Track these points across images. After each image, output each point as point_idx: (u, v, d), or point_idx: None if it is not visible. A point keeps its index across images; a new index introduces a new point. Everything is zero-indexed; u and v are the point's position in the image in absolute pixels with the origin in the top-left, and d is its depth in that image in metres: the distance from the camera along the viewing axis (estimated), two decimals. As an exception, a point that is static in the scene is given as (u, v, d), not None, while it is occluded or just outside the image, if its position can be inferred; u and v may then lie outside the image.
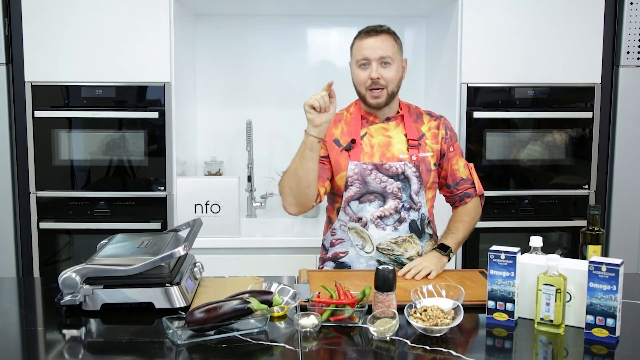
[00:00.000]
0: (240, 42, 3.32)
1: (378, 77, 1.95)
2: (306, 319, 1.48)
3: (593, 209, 1.75)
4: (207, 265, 1.90)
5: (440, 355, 1.36)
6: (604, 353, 1.38)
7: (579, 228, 1.89)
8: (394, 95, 2.02)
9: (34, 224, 2.83)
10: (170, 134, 2.80)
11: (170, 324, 1.45)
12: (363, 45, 1.97)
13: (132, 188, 2.84)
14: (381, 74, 1.96)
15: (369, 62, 1.96)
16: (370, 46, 1.96)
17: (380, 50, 1.95)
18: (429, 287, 1.67)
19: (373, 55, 1.95)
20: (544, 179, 2.92)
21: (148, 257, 1.61)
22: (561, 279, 1.46)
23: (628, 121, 2.90)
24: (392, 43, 1.99)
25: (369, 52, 1.96)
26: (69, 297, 1.58)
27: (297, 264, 2.19)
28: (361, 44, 1.98)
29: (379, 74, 1.95)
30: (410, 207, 2.01)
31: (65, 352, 1.41)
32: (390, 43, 1.98)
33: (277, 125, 3.36)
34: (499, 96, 2.86)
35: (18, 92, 2.79)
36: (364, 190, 2.00)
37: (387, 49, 1.96)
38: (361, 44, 1.98)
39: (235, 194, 2.77)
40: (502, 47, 2.82)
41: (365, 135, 2.04)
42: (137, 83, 2.78)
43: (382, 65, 1.96)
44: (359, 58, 1.98)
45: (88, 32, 2.74)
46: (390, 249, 2.00)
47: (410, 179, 2.00)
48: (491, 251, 1.55)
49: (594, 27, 2.84)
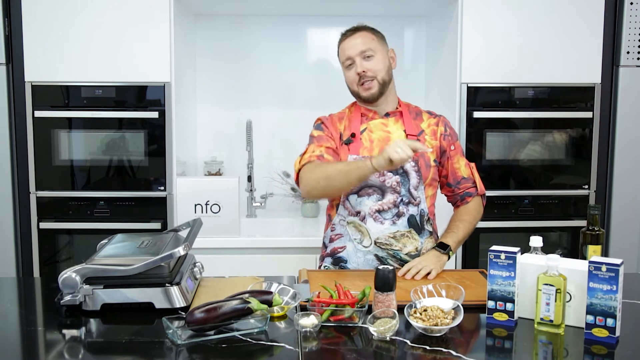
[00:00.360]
0: (240, 42, 3.32)
1: (364, 70, 2.02)
2: (306, 319, 1.48)
3: (593, 209, 1.75)
4: (207, 265, 1.90)
5: (440, 355, 1.36)
6: (604, 353, 1.38)
7: (579, 228, 1.89)
8: (386, 85, 2.06)
9: (34, 224, 2.83)
10: (170, 134, 2.80)
11: (170, 324, 1.45)
12: (344, 47, 2.07)
13: (132, 188, 2.84)
14: (366, 67, 2.02)
15: (352, 60, 2.04)
16: (350, 46, 2.05)
17: (360, 46, 2.03)
18: (429, 287, 1.67)
19: (354, 52, 2.03)
20: (544, 179, 2.92)
21: (148, 257, 1.61)
22: (561, 279, 1.46)
23: (628, 121, 2.90)
24: (371, 37, 2.06)
25: (350, 51, 2.04)
26: (69, 297, 1.58)
27: (297, 264, 2.20)
28: (343, 47, 2.08)
29: (363, 67, 2.02)
30: (409, 202, 2.02)
31: (65, 352, 1.41)
32: (368, 37, 2.05)
33: (277, 125, 3.36)
34: (499, 96, 2.86)
35: (18, 92, 2.79)
36: (363, 184, 2.01)
37: (365, 43, 2.04)
38: (343, 47, 2.08)
39: (235, 194, 2.77)
40: (502, 47, 2.82)
41: (365, 130, 2.07)
42: (137, 83, 2.78)
43: (365, 59, 2.03)
44: (344, 59, 2.07)
45: (88, 32, 2.75)
46: (389, 244, 2.01)
47: (409, 174, 2.01)
48: (491, 251, 1.55)
49: (594, 27, 2.84)
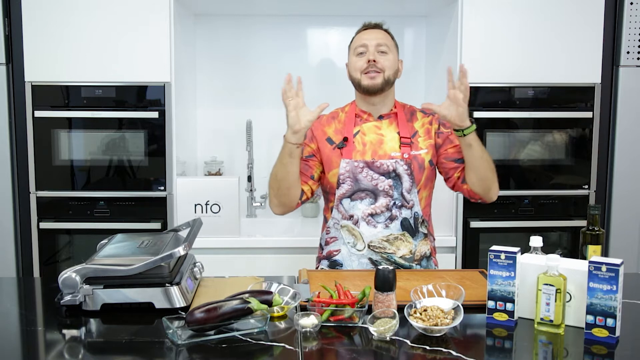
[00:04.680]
0: (240, 42, 3.32)
1: (375, 59, 2.01)
2: (306, 319, 1.48)
3: (593, 209, 1.75)
4: (207, 265, 1.90)
5: (440, 355, 1.36)
6: (604, 353, 1.38)
7: (579, 228, 1.89)
8: (390, 84, 2.05)
9: (34, 224, 2.83)
10: (170, 134, 2.80)
11: (170, 324, 1.45)
12: (363, 36, 2.07)
13: (132, 188, 2.84)
14: (378, 59, 2.02)
15: (366, 48, 2.03)
16: (369, 36, 2.06)
17: (378, 39, 2.04)
18: (429, 287, 1.67)
19: (371, 42, 2.04)
20: (544, 179, 2.92)
21: (148, 257, 1.61)
22: (561, 279, 1.46)
23: (628, 121, 2.90)
24: (389, 38, 2.09)
25: (367, 40, 2.04)
26: (69, 297, 1.58)
27: (297, 264, 2.20)
28: (361, 35, 2.08)
29: (375, 57, 2.02)
30: (402, 205, 2.02)
31: (65, 352, 1.41)
32: (387, 37, 2.08)
33: (277, 125, 3.32)
34: (499, 96, 2.86)
35: (18, 92, 2.79)
36: (356, 187, 2.01)
37: (385, 39, 2.05)
38: (361, 35, 2.08)
39: (235, 194, 2.77)
40: (502, 47, 2.82)
41: (358, 133, 2.06)
42: (137, 83, 2.78)
43: (380, 52, 2.03)
44: (357, 45, 2.06)
45: (88, 32, 2.75)
46: (382, 247, 2.01)
47: (401, 177, 2.01)
48: (491, 251, 1.55)
49: (594, 27, 2.84)
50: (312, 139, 2.09)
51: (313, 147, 2.09)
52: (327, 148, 2.06)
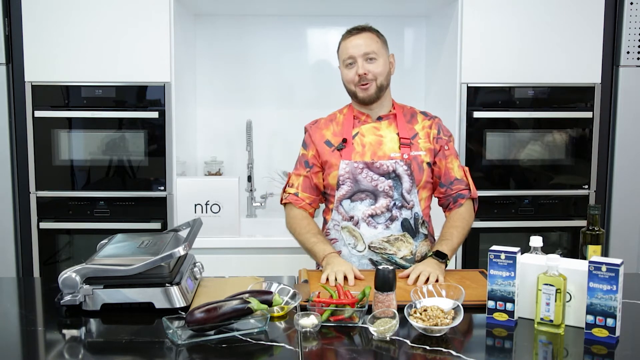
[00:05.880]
0: (240, 42, 3.32)
1: (365, 72, 2.00)
2: (306, 319, 1.48)
3: (593, 209, 1.75)
4: (207, 265, 1.90)
5: (440, 355, 1.36)
6: (604, 353, 1.38)
7: (579, 228, 1.89)
8: (384, 89, 2.05)
9: (34, 224, 2.83)
10: (170, 134, 2.80)
11: (170, 324, 1.45)
12: (347, 45, 2.04)
13: (132, 188, 2.84)
14: (367, 69, 2.01)
15: (354, 60, 2.02)
16: (354, 45, 2.02)
17: (364, 47, 2.01)
18: (429, 287, 1.67)
19: (358, 53, 2.01)
20: (544, 179, 2.92)
21: (148, 257, 1.61)
22: (561, 279, 1.46)
23: (628, 121, 2.90)
24: (375, 39, 2.04)
25: (353, 50, 2.02)
26: (69, 297, 1.58)
27: (297, 264, 2.20)
28: (345, 44, 2.05)
29: (365, 69, 2.00)
30: (402, 206, 2.02)
31: (65, 352, 1.41)
32: (373, 40, 2.03)
33: (277, 125, 3.36)
34: (499, 96, 2.86)
35: (18, 92, 2.79)
36: (355, 188, 2.01)
37: (370, 45, 2.02)
38: (345, 44, 2.05)
39: (235, 194, 2.77)
40: (502, 47, 2.82)
41: (357, 134, 2.06)
42: (137, 83, 2.78)
43: (368, 61, 2.02)
44: (345, 57, 2.04)
45: (88, 32, 2.74)
46: (383, 248, 2.01)
47: (401, 177, 2.01)
48: (491, 251, 1.55)
49: (594, 27, 2.84)
50: (310, 145, 2.10)
51: (312, 153, 2.09)
52: (326, 151, 2.06)
